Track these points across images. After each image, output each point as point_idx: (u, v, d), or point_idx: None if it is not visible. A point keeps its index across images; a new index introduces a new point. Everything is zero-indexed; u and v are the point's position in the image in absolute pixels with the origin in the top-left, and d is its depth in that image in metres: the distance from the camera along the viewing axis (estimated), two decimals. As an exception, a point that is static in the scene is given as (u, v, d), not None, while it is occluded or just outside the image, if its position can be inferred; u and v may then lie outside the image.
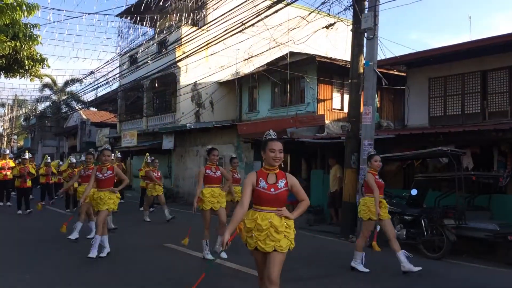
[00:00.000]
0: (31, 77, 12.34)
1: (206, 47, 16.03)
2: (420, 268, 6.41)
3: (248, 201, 3.69)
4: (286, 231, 3.70)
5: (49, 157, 16.87)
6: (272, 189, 3.71)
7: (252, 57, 18.27)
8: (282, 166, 3.86)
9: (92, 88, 25.54)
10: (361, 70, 10.40)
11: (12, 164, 14.37)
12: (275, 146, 3.77)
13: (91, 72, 23.52)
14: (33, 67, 11.80)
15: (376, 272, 6.66)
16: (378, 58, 10.28)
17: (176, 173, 20.36)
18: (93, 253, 6.99)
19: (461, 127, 10.87)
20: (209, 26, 15.31)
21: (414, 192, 8.45)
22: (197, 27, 18.52)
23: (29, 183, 13.89)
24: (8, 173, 13.94)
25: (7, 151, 15.05)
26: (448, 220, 7.89)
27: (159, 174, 13.00)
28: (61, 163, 18.86)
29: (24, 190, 13.71)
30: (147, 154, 15.50)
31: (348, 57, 11.59)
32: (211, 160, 7.33)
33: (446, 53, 12.40)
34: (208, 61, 20.06)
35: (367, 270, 6.60)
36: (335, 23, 12.40)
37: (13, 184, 14.36)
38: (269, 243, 3.64)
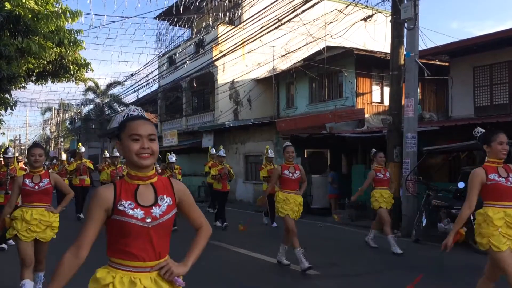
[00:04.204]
0: (76, 81, 12.79)
1: (242, 45, 16.14)
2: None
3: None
4: None
5: None
6: (509, 182, 3.57)
7: (288, 53, 18.20)
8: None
9: (133, 90, 26.24)
10: (402, 62, 10.17)
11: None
12: (503, 138, 3.64)
13: (132, 75, 24.19)
14: (78, 72, 12.21)
15: (423, 268, 6.52)
16: (419, 49, 10.02)
17: (217, 171, 20.60)
18: None
19: (510, 116, 10.43)
20: (245, 24, 15.39)
21: (461, 185, 8.18)
22: (233, 26, 18.63)
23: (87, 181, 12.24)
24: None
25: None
26: (499, 213, 7.59)
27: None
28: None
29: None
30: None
31: (387, 49, 11.36)
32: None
33: (491, 40, 11.92)
34: (245, 59, 20.16)
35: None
36: (373, 15, 12.17)
37: None
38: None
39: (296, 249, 6.06)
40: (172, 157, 10.63)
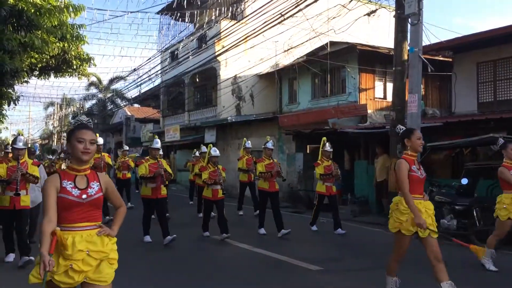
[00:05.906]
0: (79, 76, 12.82)
1: (245, 40, 16.08)
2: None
3: None
4: None
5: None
6: None
7: (291, 48, 18.15)
8: None
9: (135, 85, 26.25)
10: (405, 57, 10.13)
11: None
12: None
13: (134, 70, 24.19)
14: (81, 66, 12.25)
15: (425, 264, 6.50)
16: (423, 44, 9.97)
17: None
18: None
19: (514, 112, 10.39)
20: (248, 19, 15.34)
21: (464, 181, 8.18)
22: (236, 21, 18.58)
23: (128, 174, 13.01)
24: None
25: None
26: (502, 209, 7.57)
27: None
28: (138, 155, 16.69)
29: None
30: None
31: (390, 45, 11.31)
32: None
33: (495, 36, 11.85)
34: (247, 54, 20.11)
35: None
36: (376, 10, 12.13)
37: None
38: None
39: (443, 283, 4.35)
40: (216, 150, 8.77)
